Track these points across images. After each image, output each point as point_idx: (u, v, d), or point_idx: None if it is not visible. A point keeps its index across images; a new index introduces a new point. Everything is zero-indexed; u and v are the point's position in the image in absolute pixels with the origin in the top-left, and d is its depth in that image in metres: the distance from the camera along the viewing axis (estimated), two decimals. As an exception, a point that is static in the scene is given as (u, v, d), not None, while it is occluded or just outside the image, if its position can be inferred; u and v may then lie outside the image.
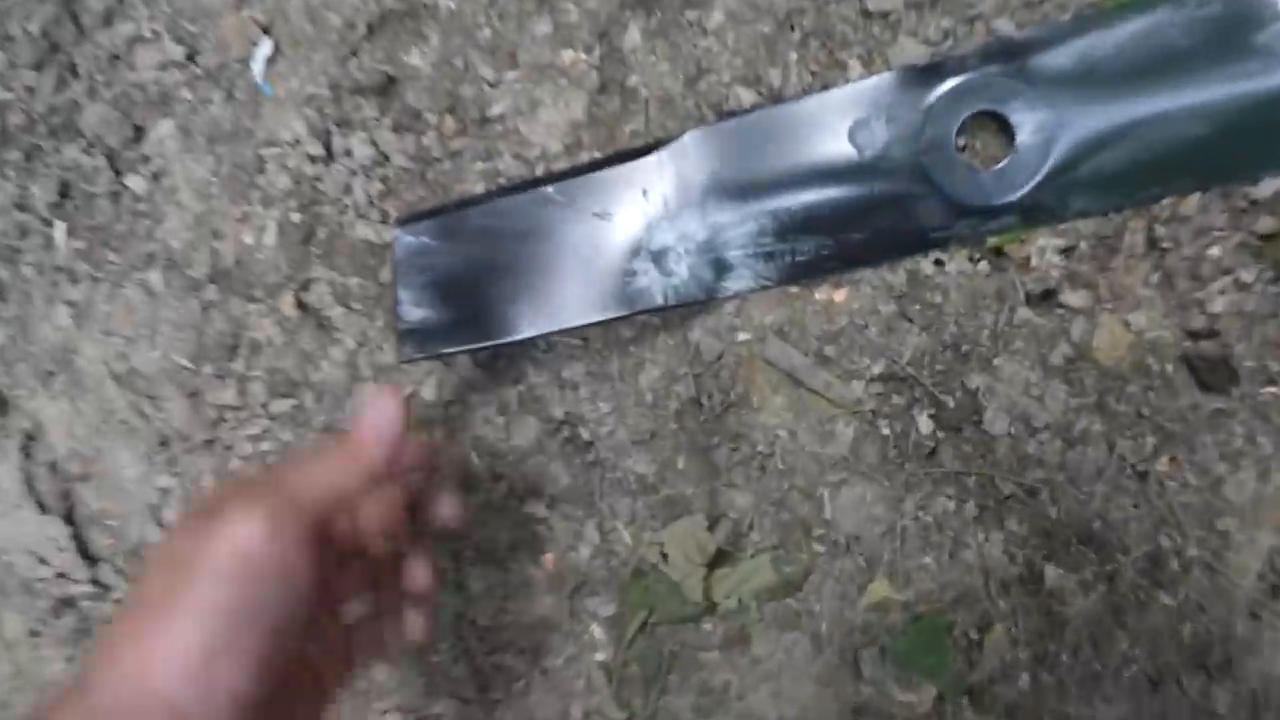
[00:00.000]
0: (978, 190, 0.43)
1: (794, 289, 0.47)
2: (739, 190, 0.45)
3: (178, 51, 0.54)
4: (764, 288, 0.46)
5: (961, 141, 0.44)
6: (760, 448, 0.49)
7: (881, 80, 0.43)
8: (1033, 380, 0.45)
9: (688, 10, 0.48)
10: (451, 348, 0.48)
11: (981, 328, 0.45)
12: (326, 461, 0.37)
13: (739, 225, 0.45)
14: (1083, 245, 0.44)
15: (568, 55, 0.50)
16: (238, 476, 0.41)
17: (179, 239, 0.56)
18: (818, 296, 0.47)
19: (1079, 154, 0.42)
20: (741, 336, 0.48)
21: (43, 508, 0.61)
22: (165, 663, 0.30)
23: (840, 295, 0.47)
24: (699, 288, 0.46)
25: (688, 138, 0.46)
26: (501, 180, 0.51)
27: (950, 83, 0.42)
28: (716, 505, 0.50)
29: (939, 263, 0.45)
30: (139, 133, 0.56)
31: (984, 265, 0.45)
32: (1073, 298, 0.44)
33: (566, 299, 0.46)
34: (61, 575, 0.59)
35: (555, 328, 0.47)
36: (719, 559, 0.49)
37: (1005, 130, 0.43)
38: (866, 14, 0.45)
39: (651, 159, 0.46)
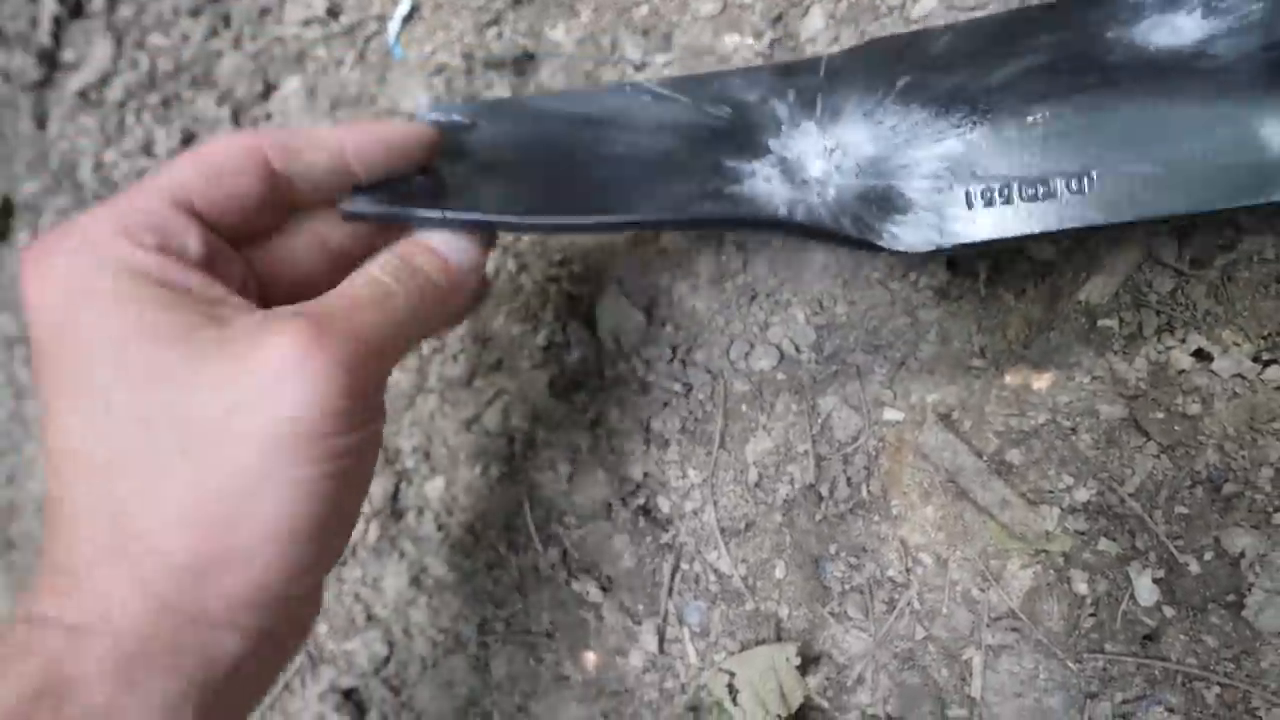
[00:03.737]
0: None
1: (976, 362, 0.34)
2: (949, 89, 0.27)
3: (322, 5, 0.50)
4: (953, 249, 0.27)
5: None
6: (892, 572, 0.35)
7: None
8: (1340, 559, 0.29)
9: (891, -8, 0.38)
10: (467, 214, 0.30)
11: (1261, 463, 0.30)
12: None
13: (936, 139, 0.27)
14: None
15: (731, 40, 0.41)
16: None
17: (279, 204, 0.51)
18: (1008, 379, 0.34)
19: None
20: (891, 415, 0.36)
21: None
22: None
23: (1042, 380, 0.33)
24: (849, 217, 0.28)
25: (871, 44, 0.29)
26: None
27: None
28: (817, 639, 0.36)
29: (1202, 355, 0.31)
30: (269, 89, 0.53)
31: (1276, 371, 0.30)
32: None
33: (633, 186, 0.30)
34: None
35: (611, 219, 0.30)
36: (803, 714, 0.35)
37: None
38: None
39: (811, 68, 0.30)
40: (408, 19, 0.48)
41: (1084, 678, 0.32)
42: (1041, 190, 0.26)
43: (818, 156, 0.28)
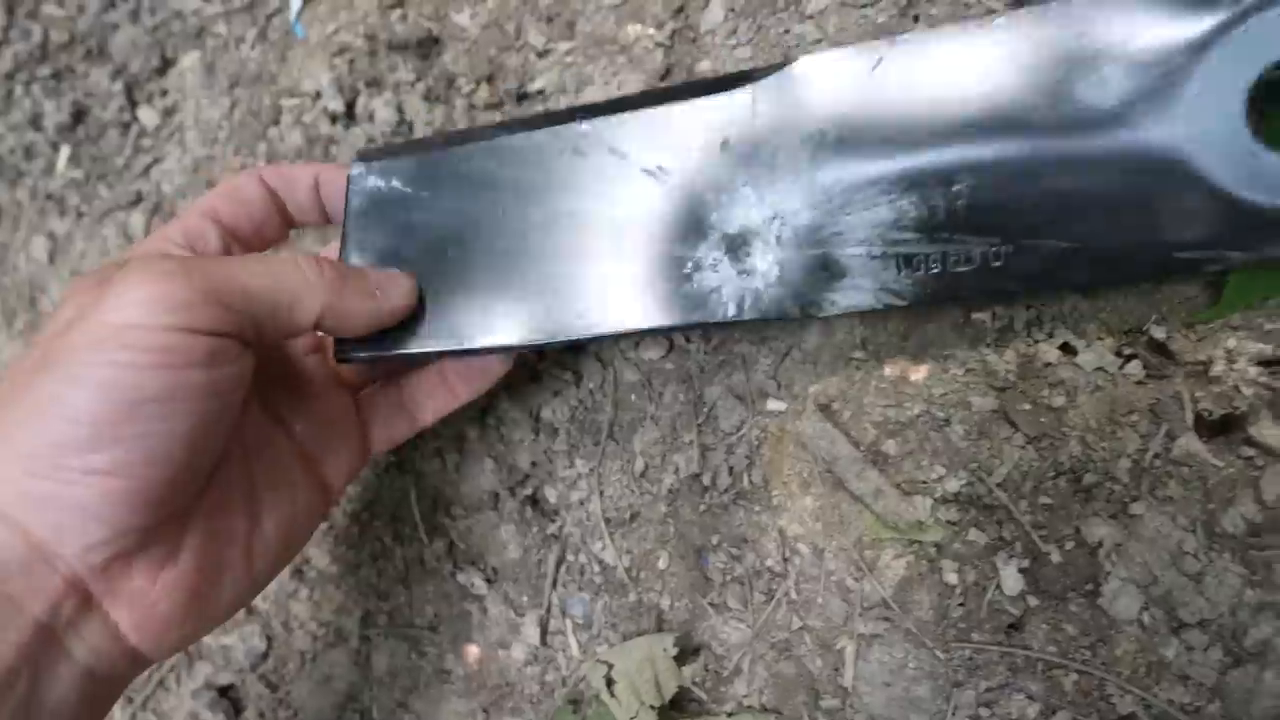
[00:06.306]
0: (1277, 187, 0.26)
1: (858, 354, 0.34)
2: (877, 151, 0.29)
3: (222, -20, 0.49)
4: (888, 308, 0.29)
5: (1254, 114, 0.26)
6: (770, 562, 0.35)
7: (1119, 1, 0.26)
8: (1188, 548, 0.30)
9: (787, -12, 0.38)
10: (413, 349, 0.34)
11: (1119, 455, 0.31)
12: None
13: (867, 206, 0.29)
14: (1297, 362, 0.29)
15: (633, 30, 0.41)
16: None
17: (172, 183, 0.49)
18: (887, 370, 0.34)
19: None
20: (773, 405, 0.36)
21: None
22: (3, 476, 0.24)
23: (918, 372, 0.34)
24: (791, 298, 0.29)
25: (802, 65, 0.30)
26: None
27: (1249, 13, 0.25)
28: (697, 630, 0.36)
29: (1068, 349, 0.32)
30: (165, 64, 0.51)
31: (1136, 365, 0.31)
32: (1272, 434, 0.29)
33: (587, 294, 0.32)
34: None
35: (566, 337, 0.32)
36: (680, 705, 0.35)
37: None
38: None
39: (740, 95, 0.30)
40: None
41: (951, 667, 0.32)
42: (964, 258, 0.28)
43: (759, 229, 0.30)
